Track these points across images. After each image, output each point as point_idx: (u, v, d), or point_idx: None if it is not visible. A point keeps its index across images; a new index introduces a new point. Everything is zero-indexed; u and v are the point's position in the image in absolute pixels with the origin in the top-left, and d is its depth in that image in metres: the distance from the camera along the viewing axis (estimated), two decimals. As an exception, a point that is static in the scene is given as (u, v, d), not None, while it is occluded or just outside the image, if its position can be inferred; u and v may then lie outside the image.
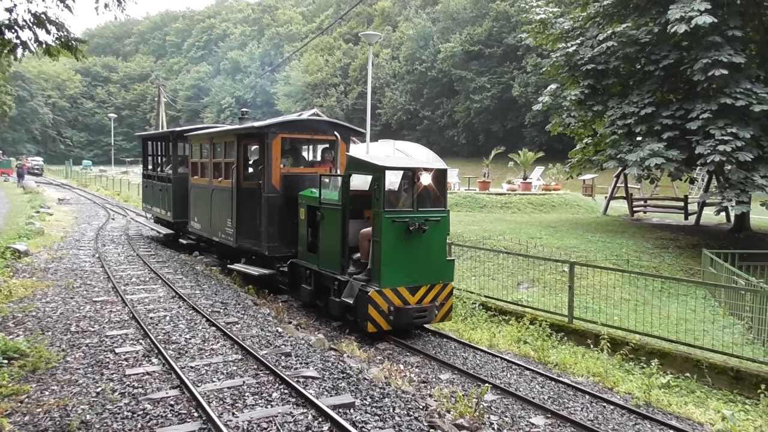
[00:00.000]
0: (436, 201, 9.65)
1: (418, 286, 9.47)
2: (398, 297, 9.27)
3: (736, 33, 15.49)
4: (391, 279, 9.20)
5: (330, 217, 10.23)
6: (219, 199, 14.01)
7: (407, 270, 9.34)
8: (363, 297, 9.19)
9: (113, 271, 13.90)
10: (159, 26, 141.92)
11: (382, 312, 9.16)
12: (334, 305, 10.11)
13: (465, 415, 6.58)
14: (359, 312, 9.35)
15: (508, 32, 62.26)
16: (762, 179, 14.97)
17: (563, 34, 20.49)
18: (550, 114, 22.73)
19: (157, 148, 20.48)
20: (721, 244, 16.93)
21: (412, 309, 9.35)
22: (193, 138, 15.98)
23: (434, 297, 9.65)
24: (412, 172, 9.31)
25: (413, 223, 9.15)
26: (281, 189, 12.07)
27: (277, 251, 12.13)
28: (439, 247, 9.76)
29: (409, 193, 9.38)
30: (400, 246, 9.19)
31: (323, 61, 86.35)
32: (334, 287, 10.15)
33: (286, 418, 6.10)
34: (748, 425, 7.21)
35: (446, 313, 9.95)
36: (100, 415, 6.06)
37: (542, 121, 38.88)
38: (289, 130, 12.54)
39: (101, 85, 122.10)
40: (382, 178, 8.99)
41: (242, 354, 8.18)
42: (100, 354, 8.03)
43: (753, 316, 9.96)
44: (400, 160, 10.09)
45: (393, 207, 9.27)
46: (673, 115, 16.42)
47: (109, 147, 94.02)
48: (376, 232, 9.21)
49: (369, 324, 9.13)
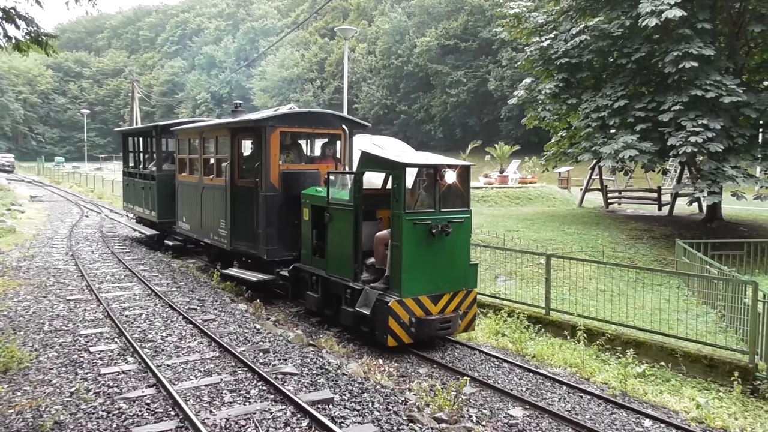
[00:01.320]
0: (459, 200, 8.89)
1: (440, 294, 8.68)
2: (420, 307, 8.47)
3: (706, 26, 15.73)
4: (412, 287, 8.39)
5: (340, 218, 9.39)
6: (210, 198, 13.11)
7: (429, 277, 8.55)
8: (382, 307, 8.36)
9: (87, 269, 13.70)
10: (132, 21, 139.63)
11: (403, 324, 8.32)
12: (346, 315, 9.22)
13: (444, 409, 6.61)
14: (377, 324, 8.51)
15: (483, 26, 62.39)
16: (732, 170, 15.24)
17: (537, 28, 20.63)
18: (526, 107, 22.88)
19: (139, 143, 19.38)
20: (694, 234, 17.21)
21: (436, 320, 8.54)
22: (181, 132, 14.98)
23: (457, 305, 8.89)
24: (434, 170, 8.48)
25: (436, 226, 8.36)
26: (281, 187, 11.18)
27: (276, 255, 11.22)
28: (463, 250, 8.98)
29: (430, 192, 8.60)
30: (422, 250, 8.40)
31: (299, 56, 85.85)
32: (346, 295, 9.27)
33: (264, 415, 6.07)
34: (722, 412, 7.34)
35: (470, 322, 9.19)
36: (74, 416, 5.97)
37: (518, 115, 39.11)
38: (288, 123, 11.62)
39: (73, 80, 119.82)
40: (402, 176, 8.17)
41: (220, 351, 8.12)
42: (74, 353, 7.92)
43: (725, 304, 10.13)
44: (420, 156, 9.28)
45: (409, 208, 8.44)
46: (645, 108, 16.64)
47: (82, 143, 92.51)
48: (395, 235, 8.37)
49: (389, 338, 8.30)
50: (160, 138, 16.99)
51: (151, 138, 17.75)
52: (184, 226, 15.00)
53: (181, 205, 15.17)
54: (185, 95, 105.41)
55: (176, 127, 15.45)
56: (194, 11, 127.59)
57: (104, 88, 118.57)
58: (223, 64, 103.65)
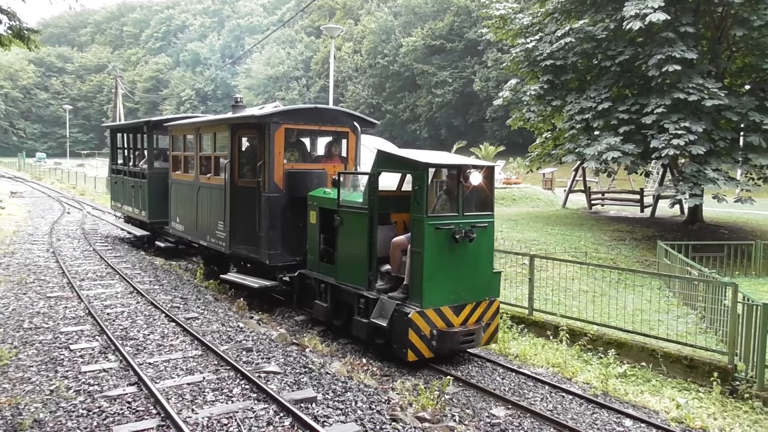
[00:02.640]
0: (482, 204, 8.34)
1: (462, 305, 8.11)
2: (441, 318, 7.88)
3: (689, 29, 15.91)
4: (433, 297, 7.79)
5: (352, 222, 8.76)
6: (207, 198, 12.36)
7: (451, 286, 7.97)
8: (401, 319, 7.76)
9: (68, 266, 13.55)
10: (116, 16, 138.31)
11: (424, 337, 7.73)
12: (359, 327, 8.61)
13: (427, 408, 6.62)
14: (396, 337, 7.90)
15: (469, 27, 62.66)
16: (714, 172, 15.44)
17: (522, 29, 20.75)
18: (511, 108, 23.02)
19: (129, 140, 18.51)
20: (675, 235, 17.40)
21: (458, 332, 7.97)
22: (175, 128, 14.11)
23: (480, 316, 8.32)
24: (457, 170, 7.86)
25: (459, 231, 7.79)
26: (284, 188, 10.47)
27: (279, 259, 10.50)
28: (486, 257, 8.41)
29: (453, 194, 8.02)
30: (444, 257, 7.82)
31: (285, 54, 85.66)
32: (359, 305, 8.66)
33: (247, 413, 6.04)
34: (701, 412, 7.42)
35: (492, 334, 8.61)
36: (53, 414, 5.91)
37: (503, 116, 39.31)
38: (294, 119, 10.85)
39: (56, 75, 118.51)
40: (424, 177, 7.61)
41: (202, 349, 8.07)
42: (54, 351, 7.83)
43: (705, 305, 10.24)
44: (441, 156, 8.70)
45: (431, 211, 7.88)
46: (628, 110, 16.80)
47: (64, 139, 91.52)
48: (416, 241, 7.78)
49: (409, 352, 7.71)
50: (151, 134, 16.30)
51: (142, 134, 17.03)
52: (177, 227, 14.18)
53: (175, 205, 14.31)
54: (169, 92, 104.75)
55: (170, 122, 14.68)
56: (179, 7, 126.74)
57: (87, 83, 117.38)
58: (208, 62, 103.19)
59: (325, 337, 9.56)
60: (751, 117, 15.37)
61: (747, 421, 7.36)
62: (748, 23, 15.88)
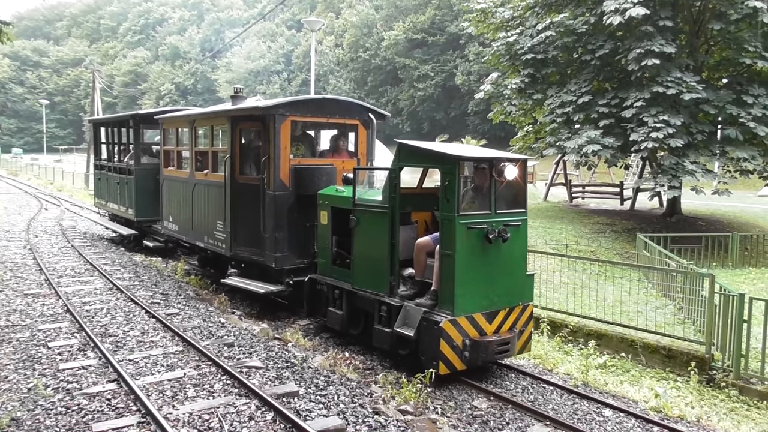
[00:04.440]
0: (515, 200, 7.74)
1: (495, 311, 7.45)
2: (474, 327, 7.22)
3: (667, 23, 16.06)
4: (466, 304, 7.12)
5: (371, 222, 8.06)
6: (204, 196, 11.62)
7: (484, 290, 7.33)
8: (431, 329, 7.08)
9: (46, 262, 13.37)
10: (93, 9, 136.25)
11: (456, 347, 7.06)
12: (381, 336, 7.87)
13: (410, 401, 6.64)
14: (425, 348, 7.21)
15: (450, 21, 62.63)
16: (692, 165, 15.62)
17: (503, 23, 20.82)
18: (492, 102, 23.09)
19: (114, 134, 17.70)
20: (655, 227, 17.60)
21: (493, 341, 7.30)
22: (167, 121, 13.38)
23: (513, 323, 7.68)
24: (490, 164, 7.24)
25: (493, 230, 7.15)
26: (291, 185, 9.80)
27: (286, 262, 9.83)
28: (520, 258, 7.79)
29: (482, 191, 7.37)
30: (476, 260, 7.18)
31: (266, 47, 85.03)
32: (380, 313, 7.94)
33: (228, 409, 6.02)
34: (679, 401, 7.52)
35: (526, 342, 7.96)
36: (31, 412, 5.83)
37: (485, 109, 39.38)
38: (301, 111, 10.15)
39: (31, 69, 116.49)
40: (455, 172, 6.90)
41: (183, 345, 8.02)
42: (32, 348, 7.73)
43: (684, 296, 10.38)
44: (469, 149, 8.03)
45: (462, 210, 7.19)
46: (608, 104, 16.93)
47: (40, 134, 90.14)
48: (446, 242, 7.11)
49: (441, 365, 7.02)
50: (139, 128, 15.64)
51: (128, 128, 16.31)
52: (170, 227, 13.41)
53: (168, 203, 13.52)
54: (148, 86, 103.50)
55: (161, 115, 13.87)
56: (157, 0, 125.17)
57: (64, 78, 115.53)
58: (187, 55, 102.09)
59: (308, 332, 9.54)
60: (728, 110, 15.56)
61: (723, 410, 7.48)
62: (725, 17, 16.06)
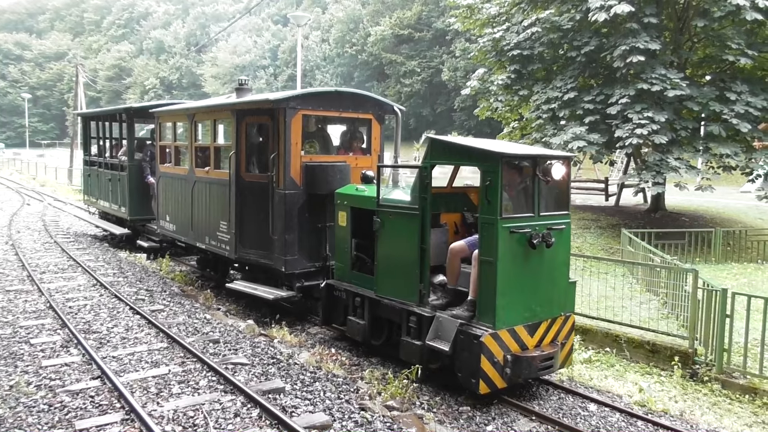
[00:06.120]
0: (559, 201, 7.13)
1: (537, 323, 6.84)
2: (516, 340, 6.62)
3: (652, 20, 16.15)
4: (508, 316, 6.53)
5: (398, 225, 7.45)
6: (206, 194, 11.03)
7: (526, 300, 6.74)
8: (470, 343, 6.49)
9: (28, 258, 13.22)
10: (76, 2, 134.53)
11: (497, 364, 6.44)
12: (410, 350, 7.24)
13: (396, 397, 6.64)
14: (463, 364, 6.60)
15: (437, 16, 62.62)
16: (676, 161, 15.74)
17: (490, 19, 20.81)
18: (479, 98, 23.12)
19: (105, 128, 17.07)
20: (639, 223, 17.72)
21: (537, 357, 6.66)
22: (164, 115, 12.87)
23: (555, 335, 7.07)
24: (534, 162, 6.67)
25: (537, 235, 6.54)
26: (302, 184, 9.28)
27: (296, 266, 9.29)
28: (563, 265, 7.18)
29: (524, 191, 6.80)
30: (519, 267, 6.58)
31: (252, 42, 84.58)
32: (409, 324, 7.30)
33: (213, 405, 5.99)
34: (663, 396, 7.59)
35: (567, 355, 7.37)
36: (13, 409, 5.77)
37: (471, 105, 39.48)
38: (312, 105, 9.56)
39: (14, 63, 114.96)
40: (498, 171, 6.28)
41: (168, 342, 7.96)
42: (13, 345, 7.65)
43: (667, 291, 10.46)
44: (510, 145, 7.61)
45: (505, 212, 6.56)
46: (594, 100, 17.01)
47: (23, 129, 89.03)
48: (486, 248, 6.49)
49: (481, 383, 6.42)
50: (131, 123, 15.15)
51: (120, 123, 15.72)
52: (167, 227, 12.74)
53: (164, 202, 12.89)
54: (133, 81, 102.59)
55: (157, 109, 13.36)
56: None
57: (47, 72, 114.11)
58: (172, 50, 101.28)
59: (294, 328, 9.51)
60: (712, 107, 15.68)
61: (706, 404, 7.55)
62: (708, 14, 16.16)
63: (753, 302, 8.03)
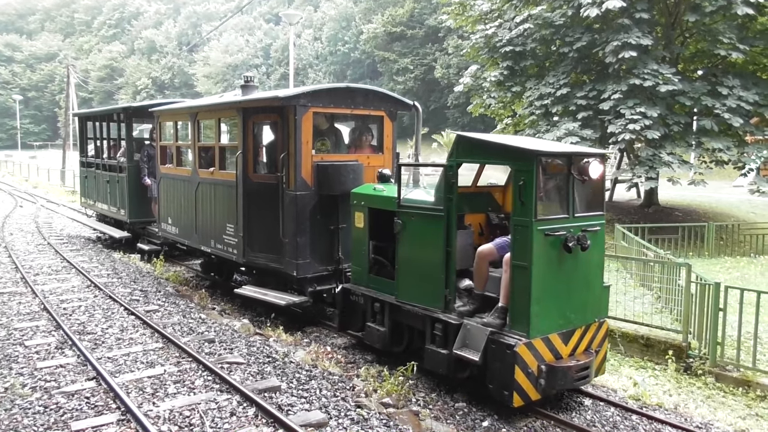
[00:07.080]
0: (593, 202, 6.71)
1: (571, 330, 6.44)
2: (550, 350, 6.22)
3: (644, 15, 16.22)
4: (542, 324, 6.14)
5: (421, 227, 7.04)
6: (211, 196, 10.62)
7: (561, 307, 6.35)
8: (502, 353, 6.10)
9: (22, 260, 13.16)
10: (66, 2, 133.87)
11: (531, 374, 6.06)
12: (436, 359, 6.84)
13: (392, 394, 6.65)
14: (495, 375, 6.21)
15: (429, 13, 62.63)
16: (668, 156, 15.82)
17: (482, 16, 20.85)
18: (472, 95, 23.15)
19: (102, 129, 16.52)
20: (632, 218, 17.80)
21: (572, 366, 6.26)
22: (165, 115, 12.46)
23: (589, 343, 6.66)
24: (569, 160, 6.26)
25: (572, 237, 6.16)
26: (313, 184, 8.91)
27: (308, 270, 8.90)
28: (597, 268, 6.81)
29: (558, 191, 6.36)
30: (554, 272, 6.18)
31: (244, 41, 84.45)
32: (434, 331, 6.89)
33: (209, 405, 5.99)
34: (657, 389, 7.64)
35: (601, 363, 7.00)
36: (8, 411, 5.75)
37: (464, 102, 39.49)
38: (323, 102, 9.18)
39: (4, 64, 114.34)
40: (533, 170, 5.87)
41: (163, 342, 7.95)
42: (8, 348, 7.62)
43: (661, 286, 10.52)
44: (543, 142, 7.31)
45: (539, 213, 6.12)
46: (586, 96, 17.07)
47: (14, 130, 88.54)
48: (519, 252, 6.07)
49: (515, 395, 6.04)
50: (130, 123, 14.72)
51: (118, 123, 15.25)
52: (169, 230, 12.29)
53: (166, 204, 12.43)
54: (125, 81, 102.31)
55: (156, 108, 12.91)
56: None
57: (38, 73, 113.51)
58: (164, 49, 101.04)
59: (289, 327, 9.51)
60: (704, 102, 15.77)
61: (700, 397, 7.60)
62: (700, 9, 16.24)
63: (746, 295, 8.08)
